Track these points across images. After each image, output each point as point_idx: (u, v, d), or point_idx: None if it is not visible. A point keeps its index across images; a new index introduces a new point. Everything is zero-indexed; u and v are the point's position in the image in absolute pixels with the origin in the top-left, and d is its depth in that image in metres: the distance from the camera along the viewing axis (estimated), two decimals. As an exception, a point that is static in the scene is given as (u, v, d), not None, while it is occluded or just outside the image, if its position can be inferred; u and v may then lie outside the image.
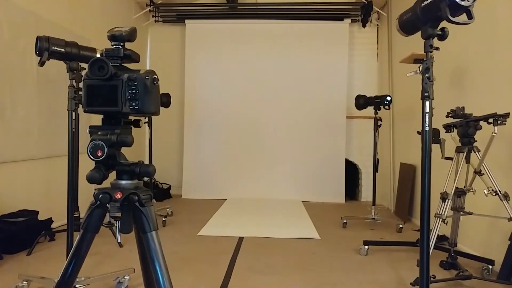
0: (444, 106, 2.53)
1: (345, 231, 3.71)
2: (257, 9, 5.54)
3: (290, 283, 2.41)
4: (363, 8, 5.33)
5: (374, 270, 2.63)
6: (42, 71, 3.19)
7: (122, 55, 0.80)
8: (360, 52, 5.63)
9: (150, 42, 5.84)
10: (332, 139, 5.42)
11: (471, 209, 2.50)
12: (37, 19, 3.16)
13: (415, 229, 3.71)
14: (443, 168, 2.50)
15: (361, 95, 4.08)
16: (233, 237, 3.37)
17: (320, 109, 5.42)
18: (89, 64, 0.76)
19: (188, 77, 5.56)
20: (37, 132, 3.19)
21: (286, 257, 2.90)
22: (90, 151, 0.79)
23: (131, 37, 0.81)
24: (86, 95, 0.77)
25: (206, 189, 5.42)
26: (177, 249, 3.01)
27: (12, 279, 2.26)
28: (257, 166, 5.47)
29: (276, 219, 4.17)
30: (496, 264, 2.47)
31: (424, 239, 1.60)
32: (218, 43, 5.55)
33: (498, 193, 2.26)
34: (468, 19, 1.45)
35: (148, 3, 5.50)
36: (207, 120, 5.56)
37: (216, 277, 2.45)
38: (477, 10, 1.43)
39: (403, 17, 1.67)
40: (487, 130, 2.31)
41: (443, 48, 1.64)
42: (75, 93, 2.08)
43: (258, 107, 5.49)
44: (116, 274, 2.23)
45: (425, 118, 1.57)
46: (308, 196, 5.33)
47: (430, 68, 1.54)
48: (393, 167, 4.88)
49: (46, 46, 1.94)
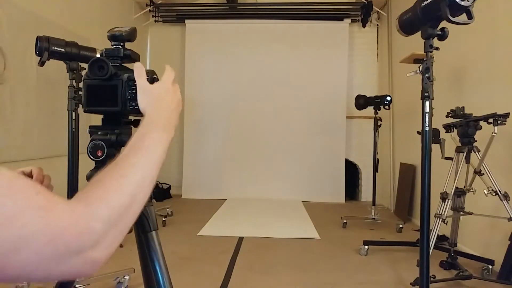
0: (444, 106, 2.53)
1: (345, 231, 3.71)
2: (257, 9, 5.54)
3: (290, 283, 2.41)
4: (363, 8, 5.32)
5: (374, 270, 2.63)
6: (42, 71, 3.19)
7: (122, 55, 0.80)
8: (360, 52, 5.63)
9: (150, 42, 5.84)
10: (332, 139, 5.41)
11: (471, 209, 2.50)
12: (37, 19, 3.16)
13: (415, 229, 3.71)
14: (443, 168, 2.50)
15: (361, 95, 4.08)
16: (233, 237, 3.37)
17: (320, 109, 5.42)
18: (89, 64, 0.76)
19: (188, 77, 5.55)
20: (37, 132, 3.18)
21: (286, 257, 2.90)
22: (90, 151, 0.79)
23: (131, 37, 0.81)
24: (86, 95, 0.77)
25: (206, 189, 5.42)
26: (177, 249, 3.00)
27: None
28: (257, 166, 5.47)
29: (276, 219, 4.17)
30: (496, 264, 2.47)
31: (424, 239, 1.60)
32: (218, 43, 5.55)
33: (498, 193, 2.26)
34: (468, 19, 1.45)
35: (148, 3, 5.49)
36: (207, 120, 5.56)
37: (216, 277, 2.45)
38: (477, 10, 1.43)
39: (403, 17, 1.67)
40: (487, 130, 2.31)
41: (443, 48, 1.64)
42: (75, 93, 2.08)
43: (258, 107, 5.48)
44: (116, 274, 2.23)
45: (425, 118, 1.57)
46: (308, 196, 5.33)
47: (430, 68, 1.54)
48: (393, 167, 4.88)
49: (46, 46, 1.94)
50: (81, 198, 0.44)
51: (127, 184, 0.49)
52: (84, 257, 0.40)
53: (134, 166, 0.52)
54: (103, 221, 0.43)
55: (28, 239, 0.36)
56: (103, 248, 0.42)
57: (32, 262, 0.37)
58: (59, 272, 0.39)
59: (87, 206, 0.43)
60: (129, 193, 0.48)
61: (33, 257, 0.37)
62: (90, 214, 0.42)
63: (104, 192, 0.46)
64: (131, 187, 0.49)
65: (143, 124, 0.62)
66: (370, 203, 4.09)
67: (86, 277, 0.41)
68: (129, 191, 0.48)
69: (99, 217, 0.43)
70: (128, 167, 0.52)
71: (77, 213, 0.41)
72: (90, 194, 0.45)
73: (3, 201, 0.36)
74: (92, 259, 0.41)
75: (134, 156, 0.54)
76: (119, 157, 0.54)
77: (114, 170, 0.51)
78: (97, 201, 0.44)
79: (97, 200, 0.44)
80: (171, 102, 0.68)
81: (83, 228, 0.40)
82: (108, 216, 0.44)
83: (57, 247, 0.38)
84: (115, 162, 0.53)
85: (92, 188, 0.47)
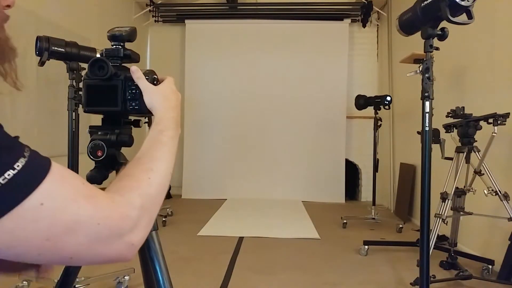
0: (444, 106, 2.53)
1: (345, 231, 3.71)
2: (257, 9, 5.54)
3: (290, 283, 2.41)
4: (363, 8, 5.32)
5: (374, 270, 2.63)
6: (42, 71, 3.18)
7: (122, 55, 0.80)
8: (360, 52, 5.63)
9: (150, 42, 5.84)
10: (332, 139, 5.41)
11: (471, 209, 2.49)
12: (37, 19, 3.16)
13: (415, 229, 3.71)
14: (443, 168, 2.50)
15: (361, 95, 4.08)
16: (233, 237, 3.37)
17: (320, 109, 5.42)
18: (89, 64, 0.76)
19: (188, 77, 5.55)
20: (37, 132, 3.18)
21: (286, 257, 2.90)
22: (90, 151, 0.79)
23: (131, 37, 0.81)
24: (86, 95, 0.77)
25: (206, 189, 5.42)
26: (177, 249, 3.00)
27: (12, 279, 2.26)
28: (257, 166, 5.47)
29: (276, 219, 4.17)
30: (496, 264, 2.47)
31: (424, 239, 1.60)
32: (218, 43, 5.55)
33: (498, 193, 2.26)
34: (468, 19, 1.45)
35: (148, 3, 5.49)
36: (207, 120, 5.55)
37: (216, 277, 2.45)
38: (477, 10, 1.43)
39: (403, 17, 1.67)
40: (487, 130, 2.31)
41: (443, 48, 1.64)
42: (75, 93, 2.08)
43: (258, 107, 5.48)
44: (116, 274, 2.23)
45: (425, 118, 1.57)
46: (308, 196, 5.33)
47: (430, 68, 1.54)
48: (393, 167, 4.88)
49: (46, 46, 1.94)
50: (115, 189, 0.50)
51: (154, 176, 0.56)
52: (124, 240, 0.46)
53: (158, 160, 0.60)
54: (138, 208, 0.48)
55: (81, 222, 0.41)
56: (138, 232, 0.48)
57: (83, 243, 0.42)
58: (105, 254, 0.45)
59: (123, 196, 0.48)
60: (156, 184, 0.55)
61: (84, 239, 0.42)
62: (126, 203, 0.48)
63: (136, 183, 0.53)
64: (158, 179, 0.56)
65: (157, 122, 0.68)
66: (370, 203, 4.09)
67: (126, 261, 0.41)
68: (156, 182, 0.55)
69: (134, 205, 0.48)
70: (154, 161, 0.59)
71: (116, 202, 0.46)
72: (124, 186, 0.51)
73: (60, 188, 0.41)
74: (131, 242, 0.47)
75: (156, 152, 0.61)
76: (141, 153, 0.61)
77: (141, 164, 0.58)
78: (131, 192, 0.50)
79: (131, 190, 0.51)
80: (176, 101, 0.74)
81: (122, 214, 0.46)
82: (141, 204, 0.49)
83: (103, 231, 0.43)
84: (138, 157, 0.60)
85: (124, 181, 0.53)
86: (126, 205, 0.48)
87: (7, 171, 0.37)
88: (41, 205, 0.39)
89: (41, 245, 0.40)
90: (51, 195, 0.40)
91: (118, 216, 0.45)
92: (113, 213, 0.45)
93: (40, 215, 0.39)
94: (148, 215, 0.51)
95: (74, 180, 0.44)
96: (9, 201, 0.37)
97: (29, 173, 0.39)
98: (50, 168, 0.41)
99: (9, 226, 0.38)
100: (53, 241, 0.40)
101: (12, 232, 0.38)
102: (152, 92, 0.73)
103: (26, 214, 0.38)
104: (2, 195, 0.37)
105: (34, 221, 0.39)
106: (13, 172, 0.38)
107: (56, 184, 0.41)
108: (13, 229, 0.38)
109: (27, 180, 0.39)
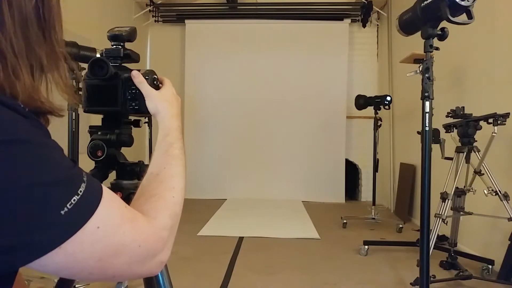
0: (444, 106, 2.53)
1: (345, 231, 3.71)
2: (257, 9, 5.54)
3: (290, 283, 2.41)
4: (363, 8, 5.32)
5: (374, 270, 2.63)
6: (42, 71, 3.19)
7: (122, 55, 0.80)
8: (360, 52, 5.62)
9: (150, 42, 5.84)
10: (332, 139, 5.41)
11: (471, 209, 2.49)
12: (37, 19, 3.16)
13: (415, 229, 3.71)
14: (443, 168, 2.50)
15: (361, 95, 4.08)
16: (233, 237, 3.37)
17: (320, 109, 5.42)
18: (89, 64, 0.76)
19: (188, 77, 5.55)
20: (37, 132, 3.18)
21: (286, 257, 2.90)
22: (90, 151, 0.79)
23: (131, 37, 0.81)
24: (86, 95, 0.77)
25: (206, 189, 5.41)
26: (177, 249, 3.00)
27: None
28: (257, 166, 5.47)
29: (276, 219, 4.17)
30: (496, 264, 2.47)
31: (424, 239, 1.60)
32: (218, 43, 5.55)
33: (498, 193, 2.26)
34: (468, 19, 1.45)
35: (148, 3, 5.49)
36: (207, 120, 5.55)
37: (216, 277, 2.45)
38: (477, 10, 1.43)
39: (403, 17, 1.67)
40: (487, 130, 2.31)
41: (443, 48, 1.64)
42: (75, 93, 2.08)
43: (258, 107, 5.48)
44: (116, 274, 2.22)
45: (425, 118, 1.57)
46: (308, 196, 5.33)
47: (430, 68, 1.54)
48: (393, 167, 4.88)
49: (46, 46, 1.94)
50: (146, 210, 0.52)
51: (177, 195, 0.59)
52: (156, 259, 0.49)
53: (177, 176, 0.63)
54: (168, 229, 0.53)
55: (126, 245, 0.44)
56: (167, 250, 0.52)
57: (125, 264, 0.45)
58: (139, 272, 0.48)
59: (156, 219, 0.52)
60: (179, 202, 0.59)
61: (126, 260, 0.45)
62: (160, 225, 0.51)
63: (164, 204, 0.56)
64: (179, 197, 0.60)
65: (165, 133, 0.69)
66: (370, 203, 4.09)
67: (153, 275, 0.41)
68: (179, 201, 0.59)
69: (166, 227, 0.52)
70: (173, 179, 0.62)
71: (152, 224, 0.50)
72: (154, 208, 0.54)
73: (110, 212, 0.43)
74: (162, 260, 0.50)
75: (173, 167, 0.63)
76: (157, 167, 0.63)
77: (163, 183, 0.60)
78: (162, 213, 0.54)
79: (162, 212, 0.54)
80: (177, 106, 0.75)
81: (158, 236, 0.50)
82: (171, 225, 0.54)
83: (142, 253, 0.46)
84: (157, 173, 0.62)
85: (153, 202, 0.55)
86: (160, 227, 0.51)
87: (73, 197, 0.39)
88: (98, 228, 0.41)
89: (93, 266, 0.42)
90: (105, 218, 0.42)
91: (155, 238, 0.49)
92: (150, 236, 0.48)
93: (96, 237, 0.41)
94: (174, 233, 0.55)
95: (119, 203, 0.46)
96: (73, 225, 0.39)
97: (89, 197, 0.41)
98: (103, 192, 0.44)
99: (72, 248, 0.39)
100: (104, 262, 0.42)
101: (73, 254, 0.40)
102: (155, 98, 0.72)
103: (86, 237, 0.40)
104: (68, 219, 0.39)
105: (91, 244, 0.41)
106: (77, 197, 0.40)
107: (108, 207, 0.43)
108: (74, 251, 0.40)
109: (88, 204, 0.41)
